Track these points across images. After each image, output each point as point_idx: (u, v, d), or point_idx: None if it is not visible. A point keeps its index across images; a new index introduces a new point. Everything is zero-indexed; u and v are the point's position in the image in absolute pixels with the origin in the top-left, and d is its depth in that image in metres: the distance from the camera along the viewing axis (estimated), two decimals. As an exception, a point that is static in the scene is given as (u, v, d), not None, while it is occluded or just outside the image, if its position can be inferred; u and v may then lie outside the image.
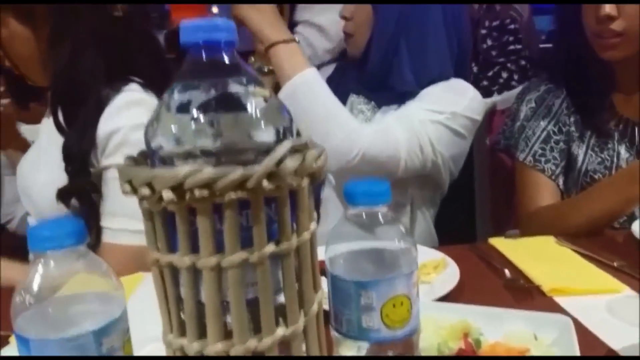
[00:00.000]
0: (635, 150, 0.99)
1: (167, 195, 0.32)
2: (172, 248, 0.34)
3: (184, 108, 0.34)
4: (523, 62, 2.32)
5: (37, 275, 0.36)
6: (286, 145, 0.33)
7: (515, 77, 2.29)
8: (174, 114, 0.34)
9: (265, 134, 0.35)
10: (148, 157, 0.37)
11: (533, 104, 1.05)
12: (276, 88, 0.99)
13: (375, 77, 1.03)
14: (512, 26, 2.25)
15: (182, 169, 0.31)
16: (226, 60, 0.34)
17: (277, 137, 0.35)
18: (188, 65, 0.34)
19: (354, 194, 0.41)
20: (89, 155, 0.84)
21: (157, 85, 0.90)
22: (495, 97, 1.26)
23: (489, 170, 1.25)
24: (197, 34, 0.33)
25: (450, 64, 1.02)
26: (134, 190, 0.34)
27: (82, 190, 0.85)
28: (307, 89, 0.92)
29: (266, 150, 0.33)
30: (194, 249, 0.33)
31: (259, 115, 0.34)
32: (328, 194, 1.02)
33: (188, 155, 0.33)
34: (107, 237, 0.85)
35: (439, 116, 0.96)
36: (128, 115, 0.84)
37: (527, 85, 1.09)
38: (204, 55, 0.34)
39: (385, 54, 1.00)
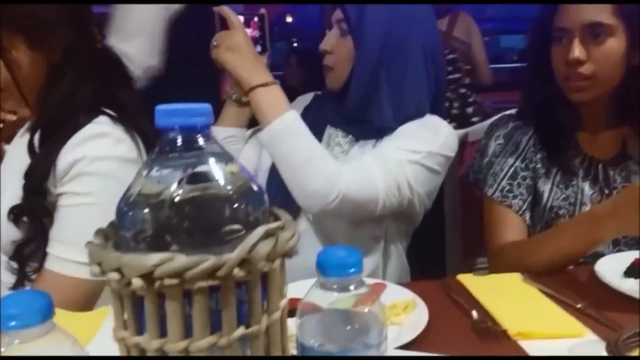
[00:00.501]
0: (599, 188, 1.02)
1: (137, 282, 0.31)
2: (140, 329, 0.34)
3: (157, 188, 0.34)
4: (462, 90, 2.38)
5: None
6: (259, 232, 0.33)
7: (455, 104, 2.36)
8: (147, 194, 0.34)
9: (238, 213, 0.35)
10: (118, 230, 0.37)
11: (501, 140, 1.07)
12: (254, 120, 1.00)
13: (354, 111, 1.03)
14: (450, 56, 2.32)
15: (152, 258, 0.31)
16: (201, 142, 0.34)
17: (250, 217, 0.35)
18: (163, 145, 0.34)
19: (327, 266, 0.42)
20: (47, 179, 0.84)
21: (126, 118, 0.89)
22: (468, 129, 1.29)
23: (460, 199, 1.27)
24: (172, 119, 0.33)
25: (427, 98, 1.04)
26: (103, 272, 0.33)
27: (34, 211, 0.84)
28: (286, 135, 0.92)
29: (239, 229, 0.33)
30: (163, 331, 0.33)
31: (232, 195, 0.34)
32: (305, 228, 1.01)
33: (159, 234, 0.33)
34: (51, 265, 0.83)
35: (415, 156, 0.96)
36: (91, 147, 0.84)
37: (495, 122, 1.12)
38: (179, 138, 0.34)
39: (365, 88, 1.00)
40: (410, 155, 0.96)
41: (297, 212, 1.00)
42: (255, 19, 1.05)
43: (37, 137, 0.86)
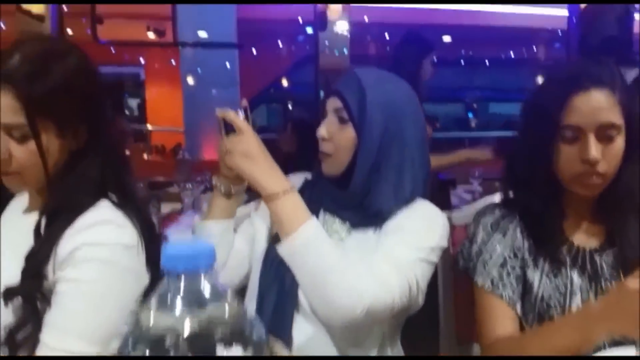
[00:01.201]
0: (587, 276, 1.02)
1: None
2: None
3: (158, 331, 0.34)
4: None
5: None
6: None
7: None
8: (148, 335, 0.34)
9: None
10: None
11: (489, 229, 1.07)
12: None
13: (355, 197, 1.03)
14: None
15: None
16: (203, 281, 0.35)
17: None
18: (167, 283, 0.35)
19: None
20: (47, 263, 0.83)
21: (129, 203, 0.90)
22: (452, 212, 1.30)
23: (453, 283, 1.26)
24: (177, 263, 0.33)
25: (420, 182, 1.06)
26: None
27: (30, 294, 0.83)
28: (309, 249, 0.91)
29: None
30: None
31: (230, 334, 0.35)
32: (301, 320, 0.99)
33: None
34: (44, 353, 0.80)
35: (421, 253, 0.97)
36: (93, 233, 0.84)
37: (483, 209, 1.11)
38: (182, 280, 0.34)
39: (368, 175, 1.01)
40: (418, 253, 0.97)
41: (294, 306, 0.98)
42: (240, 111, 1.04)
43: (44, 220, 0.86)
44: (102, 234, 0.84)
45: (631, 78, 1.71)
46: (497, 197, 1.27)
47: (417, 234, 0.99)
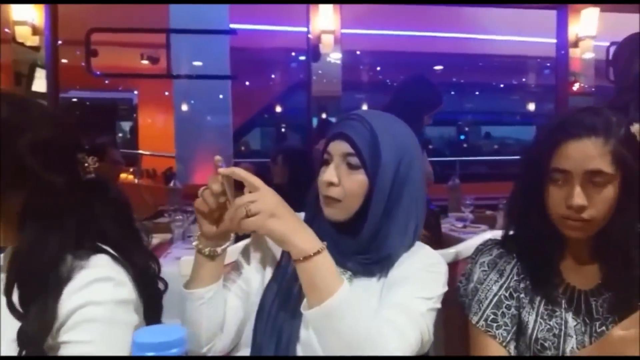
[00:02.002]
0: (582, 319, 1.02)
1: None
2: None
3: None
4: None
5: None
6: None
7: None
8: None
9: None
10: None
11: (486, 268, 1.08)
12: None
13: (363, 244, 1.00)
14: None
15: None
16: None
17: None
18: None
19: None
20: (46, 338, 0.79)
21: (127, 252, 0.88)
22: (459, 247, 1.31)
23: (443, 321, 1.25)
24: (147, 353, 0.33)
25: (422, 220, 1.04)
26: None
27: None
28: (342, 314, 0.85)
29: None
30: None
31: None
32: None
33: None
34: None
35: (430, 303, 0.96)
36: (92, 292, 0.81)
37: (480, 247, 1.12)
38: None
39: (380, 220, 0.99)
40: (427, 303, 0.96)
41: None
42: (222, 165, 0.96)
43: (15, 295, 0.80)
44: (101, 293, 0.82)
45: None
46: (488, 234, 1.28)
47: (425, 284, 0.97)
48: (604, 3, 3.95)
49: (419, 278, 0.97)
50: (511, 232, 1.10)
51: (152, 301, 0.93)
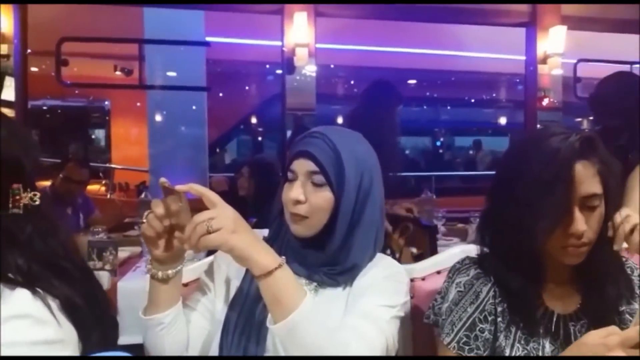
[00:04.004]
0: (559, 344, 1.01)
1: None
2: None
3: None
4: None
5: None
6: None
7: None
8: None
9: None
10: None
11: (462, 288, 1.05)
12: None
13: (329, 257, 1.03)
14: None
15: None
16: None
17: None
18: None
19: None
20: None
21: (47, 285, 0.82)
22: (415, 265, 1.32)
23: (412, 336, 1.25)
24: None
25: (382, 230, 1.07)
26: None
27: None
28: (308, 325, 0.86)
29: None
30: None
31: None
32: None
33: None
34: None
35: (394, 311, 1.00)
36: (8, 332, 0.75)
37: (458, 266, 1.09)
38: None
39: (346, 233, 1.02)
40: (391, 311, 0.99)
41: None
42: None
43: None
44: (15, 332, 0.75)
45: None
46: (458, 248, 1.28)
47: (388, 293, 1.01)
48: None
49: (382, 287, 1.01)
50: (486, 251, 1.08)
51: (95, 326, 0.87)
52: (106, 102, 8.57)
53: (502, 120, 10.64)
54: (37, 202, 0.86)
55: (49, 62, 4.30)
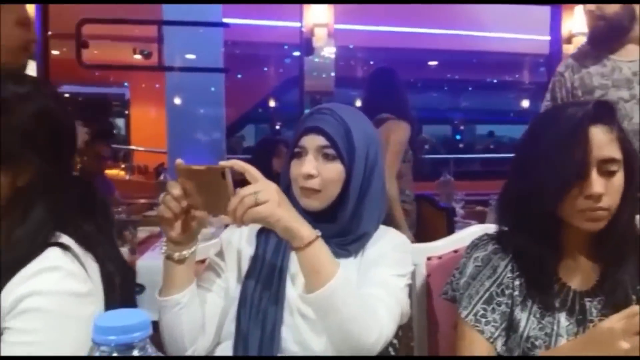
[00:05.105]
0: (575, 319, 1.00)
1: None
2: None
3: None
4: None
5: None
6: None
7: None
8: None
9: None
10: None
11: (479, 263, 1.06)
12: None
13: (342, 227, 1.06)
14: None
15: None
16: (136, 353, 0.32)
17: None
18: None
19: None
20: None
21: (86, 249, 0.87)
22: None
23: (427, 321, 1.26)
24: (109, 337, 0.31)
25: (386, 201, 1.14)
26: None
27: None
28: (343, 293, 0.91)
29: None
30: None
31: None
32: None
33: None
34: None
35: (405, 279, 1.05)
36: (39, 281, 0.80)
37: (476, 242, 1.10)
38: (114, 352, 0.31)
39: (356, 203, 1.06)
40: (402, 280, 1.05)
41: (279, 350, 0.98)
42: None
43: None
44: (49, 282, 0.80)
45: None
46: (476, 227, 1.27)
47: (398, 263, 1.06)
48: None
49: (392, 258, 1.06)
50: (509, 231, 1.07)
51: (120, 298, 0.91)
52: (125, 85, 8.64)
53: (525, 104, 10.42)
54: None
55: (70, 45, 4.32)
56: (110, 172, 4.70)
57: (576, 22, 3.96)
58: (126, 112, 8.80)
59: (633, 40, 1.95)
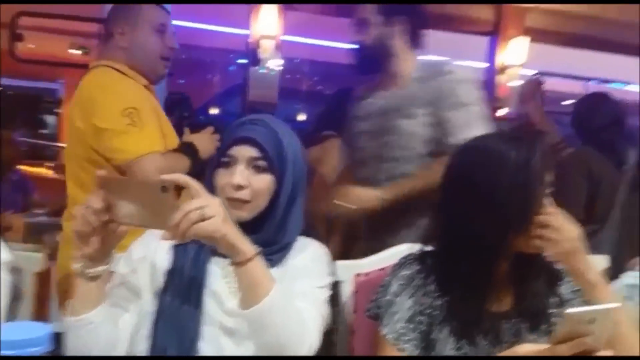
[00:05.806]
0: (489, 341, 1.03)
1: None
2: None
3: None
4: None
5: None
6: None
7: None
8: None
9: None
10: None
11: (403, 281, 1.08)
12: None
13: (268, 237, 1.07)
14: None
15: None
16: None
17: None
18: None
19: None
20: None
21: None
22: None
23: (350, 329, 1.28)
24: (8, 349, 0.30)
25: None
26: None
27: None
28: (277, 308, 0.93)
29: None
30: None
31: None
32: None
33: None
34: None
35: (325, 292, 1.08)
36: None
37: (402, 261, 1.12)
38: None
39: (282, 216, 1.08)
40: (325, 292, 1.08)
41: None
42: None
43: None
44: None
45: None
46: (406, 247, 1.30)
47: (320, 275, 1.10)
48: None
49: (315, 270, 1.09)
50: (429, 249, 1.10)
51: None
52: (60, 82, 8.22)
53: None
54: None
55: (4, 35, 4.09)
56: (33, 169, 4.44)
57: (510, 54, 4.17)
58: (57, 110, 8.36)
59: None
